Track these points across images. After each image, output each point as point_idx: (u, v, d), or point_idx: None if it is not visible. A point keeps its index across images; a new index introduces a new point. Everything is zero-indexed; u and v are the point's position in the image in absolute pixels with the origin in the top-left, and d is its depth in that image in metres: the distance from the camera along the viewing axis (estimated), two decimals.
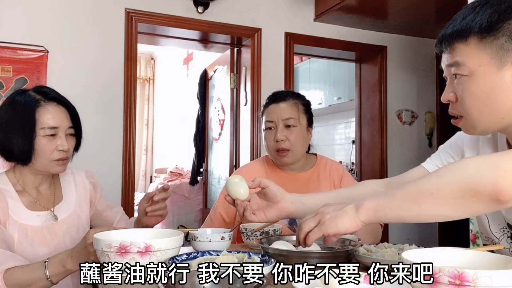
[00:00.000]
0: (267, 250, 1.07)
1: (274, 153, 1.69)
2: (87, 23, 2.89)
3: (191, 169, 4.66)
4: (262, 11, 3.40)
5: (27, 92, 1.37)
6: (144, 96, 7.07)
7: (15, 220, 1.32)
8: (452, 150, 1.20)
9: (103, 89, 2.89)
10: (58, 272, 1.17)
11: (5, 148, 1.34)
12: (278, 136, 1.65)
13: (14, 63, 2.67)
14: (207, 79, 4.31)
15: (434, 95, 4.11)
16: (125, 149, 2.93)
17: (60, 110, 1.37)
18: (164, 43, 3.69)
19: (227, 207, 1.71)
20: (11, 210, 1.32)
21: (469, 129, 0.98)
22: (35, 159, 1.33)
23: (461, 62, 0.92)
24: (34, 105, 1.33)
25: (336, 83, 4.68)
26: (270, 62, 3.42)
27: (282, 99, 1.71)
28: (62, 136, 1.36)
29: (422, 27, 3.76)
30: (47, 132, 1.33)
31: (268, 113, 1.71)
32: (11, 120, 1.33)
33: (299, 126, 1.69)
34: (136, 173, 4.34)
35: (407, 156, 3.96)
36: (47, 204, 1.42)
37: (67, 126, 1.38)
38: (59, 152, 1.35)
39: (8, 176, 1.39)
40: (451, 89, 0.97)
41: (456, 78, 0.94)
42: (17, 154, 1.33)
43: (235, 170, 1.88)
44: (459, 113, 0.97)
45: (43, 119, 1.33)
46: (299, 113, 1.71)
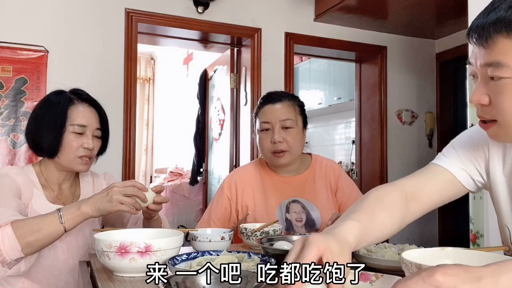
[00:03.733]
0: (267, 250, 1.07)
1: (270, 155, 1.64)
2: (87, 23, 2.89)
3: (191, 169, 4.66)
4: (262, 11, 3.40)
5: (63, 93, 1.45)
6: (144, 96, 7.07)
7: (35, 210, 1.35)
8: (475, 151, 1.03)
9: (103, 89, 2.88)
10: (72, 214, 1.19)
11: (35, 140, 1.41)
12: (275, 137, 1.60)
13: (14, 63, 2.67)
14: (207, 79, 4.31)
15: (434, 95, 4.11)
16: (125, 149, 2.94)
17: (90, 111, 1.45)
18: (164, 43, 3.69)
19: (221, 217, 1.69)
20: (34, 200, 1.37)
21: (500, 136, 0.86)
22: (61, 153, 1.39)
23: (504, 63, 0.77)
24: (68, 103, 1.41)
25: (336, 83, 4.68)
26: (270, 62, 3.42)
27: (278, 100, 1.65)
28: (89, 135, 1.42)
29: (422, 27, 3.76)
30: (75, 129, 1.40)
31: (264, 114, 1.65)
32: (45, 115, 1.41)
33: (296, 127, 1.65)
34: (136, 173, 4.34)
35: (407, 156, 3.96)
36: (66, 201, 1.46)
37: (95, 127, 1.45)
38: (84, 149, 1.41)
39: (34, 168, 1.45)
40: (484, 90, 0.83)
41: (493, 79, 0.81)
42: (45, 147, 1.40)
43: (229, 173, 1.84)
44: (492, 117, 0.85)
45: (74, 116, 1.40)
46: (296, 114, 1.67)
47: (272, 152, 1.62)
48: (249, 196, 1.67)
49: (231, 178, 1.74)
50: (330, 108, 4.90)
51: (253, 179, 1.71)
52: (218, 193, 1.73)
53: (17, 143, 2.68)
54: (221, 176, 3.82)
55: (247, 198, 1.67)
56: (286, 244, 1.14)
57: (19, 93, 2.68)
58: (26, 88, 2.70)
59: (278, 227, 1.44)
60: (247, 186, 1.69)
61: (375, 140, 3.91)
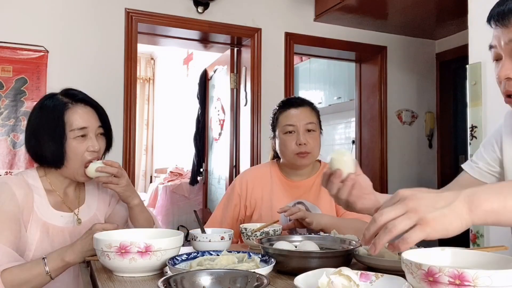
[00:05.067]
0: (267, 250, 1.06)
1: (294, 156, 1.71)
2: (87, 23, 2.90)
3: (191, 169, 4.66)
4: (262, 11, 3.40)
5: (55, 96, 1.39)
6: (144, 96, 7.07)
7: (39, 217, 1.33)
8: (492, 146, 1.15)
9: (103, 89, 2.89)
10: (57, 266, 1.19)
11: (37, 153, 1.37)
12: (301, 139, 1.69)
13: (14, 63, 2.67)
14: (207, 79, 4.31)
15: (434, 95, 4.11)
16: (125, 149, 2.94)
17: (88, 111, 1.39)
18: (164, 43, 3.69)
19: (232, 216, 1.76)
20: (37, 206, 1.34)
21: None
22: (67, 162, 1.35)
23: None
24: (62, 108, 1.35)
25: (336, 83, 4.68)
26: (270, 62, 3.42)
27: (300, 105, 1.76)
28: (92, 136, 1.37)
29: (422, 27, 3.76)
30: (76, 134, 1.34)
31: (288, 118, 1.73)
32: (41, 125, 1.35)
33: (317, 130, 1.76)
34: (136, 173, 4.35)
35: (407, 156, 3.96)
36: (72, 205, 1.44)
37: (96, 126, 1.39)
38: (90, 153, 1.36)
39: (38, 173, 1.41)
40: (510, 66, 0.92)
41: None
42: (49, 158, 1.35)
43: (240, 173, 1.91)
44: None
45: (72, 120, 1.34)
46: (316, 119, 1.77)
47: (297, 153, 1.70)
48: (258, 194, 1.76)
49: (243, 176, 1.84)
50: (330, 108, 4.90)
51: (264, 179, 1.79)
52: (229, 191, 1.82)
53: (17, 143, 2.68)
54: (221, 176, 3.82)
55: (256, 196, 1.76)
56: (286, 244, 1.14)
57: (19, 93, 2.68)
58: (26, 88, 2.70)
59: (278, 227, 1.45)
60: (257, 184, 1.78)
61: (375, 140, 3.91)
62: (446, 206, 0.68)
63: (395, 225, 0.68)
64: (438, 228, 0.67)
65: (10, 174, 2.61)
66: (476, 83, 2.14)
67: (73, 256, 1.19)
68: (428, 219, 0.67)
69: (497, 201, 0.69)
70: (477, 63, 2.13)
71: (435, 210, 0.68)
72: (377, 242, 0.69)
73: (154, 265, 1.03)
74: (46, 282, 1.20)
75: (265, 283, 0.77)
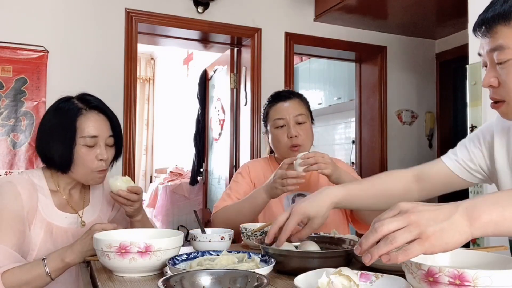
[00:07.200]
0: (267, 250, 1.06)
1: (287, 149, 1.71)
2: (87, 23, 2.90)
3: (191, 169, 4.65)
4: (262, 11, 3.40)
5: (70, 100, 1.39)
6: (144, 96, 7.07)
7: (43, 217, 1.33)
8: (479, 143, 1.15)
9: (103, 89, 2.88)
10: (57, 266, 1.19)
11: (46, 154, 1.37)
12: (292, 132, 1.68)
13: (14, 63, 2.67)
14: (207, 79, 4.31)
15: (434, 95, 4.11)
16: (125, 149, 2.93)
17: (100, 119, 1.38)
18: (164, 43, 3.69)
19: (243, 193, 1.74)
20: (41, 206, 1.34)
21: (510, 114, 0.97)
22: (74, 168, 1.35)
23: (504, 45, 0.90)
24: (76, 114, 1.35)
25: (336, 83, 4.68)
26: (270, 62, 3.42)
27: (288, 97, 1.75)
28: (101, 145, 1.37)
29: (422, 27, 3.76)
30: (87, 141, 1.34)
31: (277, 111, 1.73)
32: (54, 126, 1.35)
33: (308, 122, 1.75)
34: (136, 173, 4.35)
35: (407, 156, 3.96)
36: (76, 207, 1.44)
37: (107, 135, 1.39)
38: (98, 161, 1.36)
39: (44, 173, 1.40)
40: (493, 74, 0.95)
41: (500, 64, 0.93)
42: (57, 161, 1.35)
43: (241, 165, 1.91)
44: (502, 98, 0.95)
45: (84, 127, 1.34)
46: (305, 110, 1.76)
47: (290, 146, 1.70)
48: (261, 182, 1.75)
49: (245, 165, 1.85)
50: (330, 108, 4.90)
51: (265, 171, 1.79)
52: (235, 178, 1.82)
53: (17, 143, 2.68)
54: (221, 176, 3.82)
55: (258, 184, 1.75)
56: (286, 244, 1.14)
57: (19, 93, 2.68)
58: (26, 88, 2.70)
59: None
60: (260, 174, 1.79)
61: (375, 140, 3.91)
62: (445, 220, 0.68)
63: (395, 237, 0.68)
64: (437, 244, 0.67)
65: (10, 174, 2.62)
66: (476, 83, 2.14)
67: (72, 256, 1.19)
68: (428, 233, 0.67)
69: (495, 212, 0.69)
70: (477, 63, 2.13)
71: (436, 225, 0.68)
72: (375, 253, 0.68)
73: (154, 265, 1.03)
74: (46, 283, 1.20)
75: (265, 283, 0.77)
